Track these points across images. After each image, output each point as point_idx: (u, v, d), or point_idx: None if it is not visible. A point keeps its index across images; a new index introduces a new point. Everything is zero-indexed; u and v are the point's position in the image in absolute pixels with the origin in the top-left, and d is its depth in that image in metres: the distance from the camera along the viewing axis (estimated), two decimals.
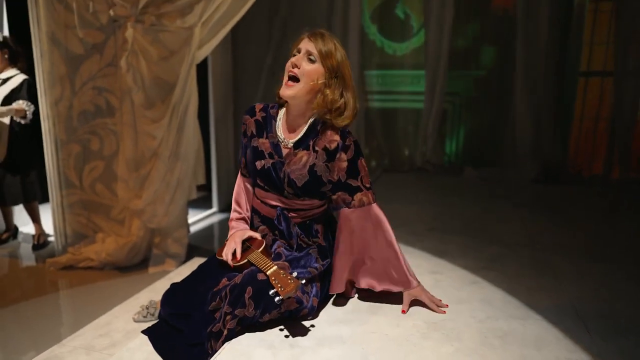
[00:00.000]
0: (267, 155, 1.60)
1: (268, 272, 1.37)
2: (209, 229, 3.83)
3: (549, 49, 3.67)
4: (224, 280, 1.51)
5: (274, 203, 1.65)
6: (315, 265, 1.56)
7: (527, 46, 3.67)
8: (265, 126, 1.64)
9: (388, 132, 4.40)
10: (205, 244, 3.52)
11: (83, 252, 2.97)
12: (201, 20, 2.65)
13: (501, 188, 3.43)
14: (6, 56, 3.11)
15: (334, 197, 1.60)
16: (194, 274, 1.74)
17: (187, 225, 3.10)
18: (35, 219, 3.32)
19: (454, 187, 3.50)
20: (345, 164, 1.55)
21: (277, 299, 1.29)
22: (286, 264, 1.49)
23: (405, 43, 4.75)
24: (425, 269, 1.87)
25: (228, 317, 1.40)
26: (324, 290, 1.61)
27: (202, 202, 4.13)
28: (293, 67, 1.51)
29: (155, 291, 2.37)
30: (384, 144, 4.46)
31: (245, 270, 1.47)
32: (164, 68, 2.74)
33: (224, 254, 1.62)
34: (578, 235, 2.38)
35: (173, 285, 1.76)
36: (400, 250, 1.57)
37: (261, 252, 1.54)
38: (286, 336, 1.38)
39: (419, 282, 1.57)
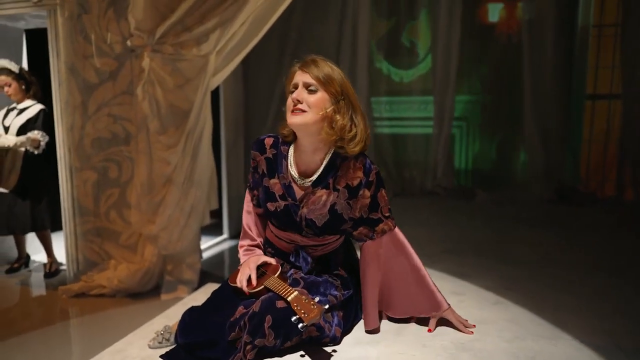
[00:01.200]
0: (278, 198, 1.53)
1: (289, 298, 1.33)
2: (219, 256, 3.81)
3: (556, 72, 3.72)
4: (241, 309, 1.45)
5: (290, 239, 1.60)
6: (335, 293, 1.52)
7: (534, 70, 3.74)
8: (276, 165, 1.56)
9: (398, 157, 4.43)
10: (216, 270, 3.49)
11: (95, 279, 2.95)
12: (216, 49, 2.72)
13: (513, 210, 3.43)
14: (23, 87, 3.19)
15: (356, 232, 1.56)
16: (208, 301, 1.69)
17: (200, 251, 3.08)
18: (47, 247, 3.32)
19: (465, 210, 3.50)
20: (368, 201, 1.50)
21: (300, 325, 1.26)
22: (304, 290, 1.46)
23: (411, 70, 4.83)
24: (447, 289, 1.84)
25: (248, 347, 1.36)
26: (349, 322, 1.56)
27: (213, 229, 4.11)
28: (296, 104, 1.43)
29: (168, 317, 2.34)
30: (394, 170, 4.48)
31: (263, 297, 1.42)
32: (179, 95, 2.79)
33: (238, 280, 1.57)
34: (595, 254, 2.35)
35: (188, 312, 1.71)
36: (427, 273, 1.55)
37: (277, 277, 1.51)
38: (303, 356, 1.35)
39: (449, 304, 1.54)
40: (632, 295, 1.80)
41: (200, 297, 2.59)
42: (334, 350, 1.40)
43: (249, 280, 1.54)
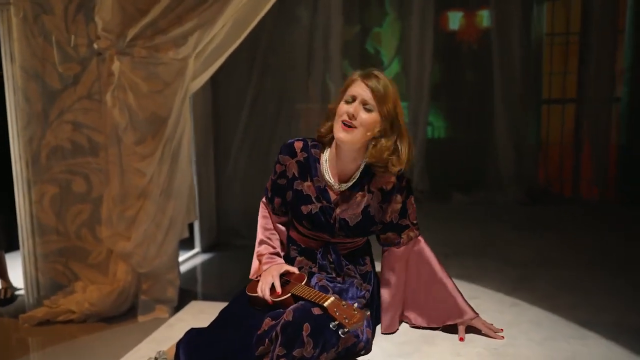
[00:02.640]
0: (314, 200, 1.55)
1: (326, 304, 1.26)
2: (192, 271, 3.61)
3: (523, 78, 3.88)
4: (268, 321, 1.37)
5: (319, 237, 1.59)
6: (362, 293, 1.51)
7: (504, 77, 3.88)
8: (309, 169, 1.58)
9: None
10: (192, 286, 3.30)
11: (61, 303, 2.68)
12: (195, 51, 2.58)
13: (491, 212, 3.51)
14: None
15: (383, 236, 1.60)
16: (218, 320, 1.58)
17: (179, 267, 2.89)
18: (2, 271, 3.00)
19: (445, 212, 3.54)
20: (399, 206, 1.56)
21: (341, 331, 1.20)
22: (336, 295, 1.39)
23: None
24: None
25: None
26: (372, 321, 1.53)
27: (184, 243, 3.89)
28: (350, 118, 1.45)
29: (156, 341, 2.15)
30: None
31: (294, 306, 1.34)
32: (156, 101, 2.60)
33: (259, 289, 1.49)
34: (587, 252, 2.44)
35: (193, 333, 1.58)
36: (452, 281, 1.55)
37: (305, 284, 1.43)
38: None
39: (476, 312, 1.52)
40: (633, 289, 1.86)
41: (186, 317, 2.42)
42: None
43: (272, 289, 1.46)
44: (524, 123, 4.03)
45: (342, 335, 1.24)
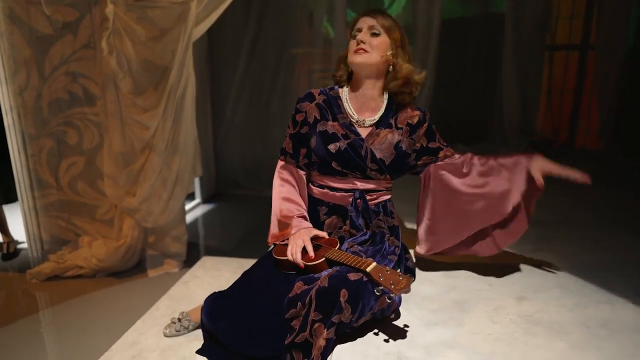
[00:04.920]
0: (341, 137, 1.54)
1: (369, 269, 1.24)
2: (195, 223, 3.59)
3: (535, 23, 3.71)
4: (300, 285, 1.33)
5: (349, 187, 1.58)
6: (392, 248, 1.52)
7: (515, 21, 3.70)
8: (331, 108, 1.59)
9: None
10: (197, 239, 3.29)
11: (68, 259, 2.64)
12: None
13: None
14: None
15: (420, 162, 1.65)
16: (242, 285, 1.55)
17: (185, 222, 2.85)
18: (3, 226, 2.91)
19: None
20: (424, 131, 1.62)
21: (387, 295, 1.21)
22: (371, 259, 1.38)
23: None
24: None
25: (317, 325, 1.25)
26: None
27: None
28: (360, 45, 1.49)
29: (174, 299, 2.15)
30: None
31: (328, 273, 1.32)
32: (155, 49, 2.43)
33: (289, 253, 1.45)
34: (602, 209, 2.45)
35: (216, 296, 1.55)
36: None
37: (338, 249, 1.40)
38: (386, 340, 1.28)
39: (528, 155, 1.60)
40: None
41: (199, 273, 2.42)
42: (407, 326, 1.34)
43: (303, 253, 1.43)
44: (531, 71, 3.90)
45: (388, 301, 1.25)
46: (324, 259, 1.37)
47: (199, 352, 1.52)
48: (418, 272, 1.71)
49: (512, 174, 1.59)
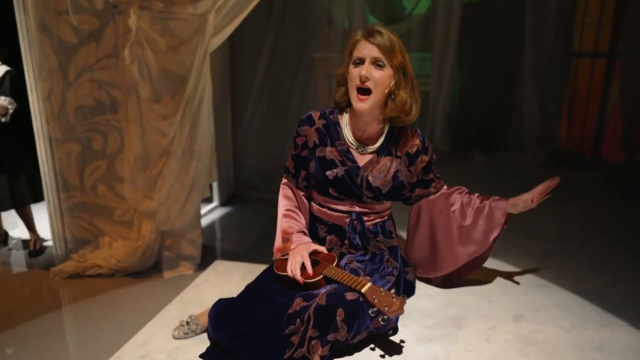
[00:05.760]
0: (338, 164, 1.56)
1: (363, 290, 1.27)
2: (212, 225, 3.68)
3: (558, 29, 3.63)
4: (299, 301, 1.39)
5: (346, 209, 1.61)
6: (390, 269, 1.54)
7: (536, 29, 3.63)
8: (330, 134, 1.60)
9: None
10: (213, 241, 3.37)
11: (89, 258, 2.76)
12: (215, 7, 2.44)
13: (511, 174, 3.43)
14: None
15: (414, 194, 1.71)
16: (246, 296, 1.61)
17: (201, 225, 2.94)
18: (29, 224, 3.07)
19: (465, 175, 3.47)
20: (424, 165, 1.63)
21: (381, 317, 1.23)
22: (368, 278, 1.41)
23: (398, 24, 4.62)
24: (483, 268, 1.82)
25: (315, 342, 1.30)
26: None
27: None
28: (364, 81, 1.46)
29: (184, 302, 2.23)
30: None
31: (326, 291, 1.36)
32: (173, 59, 2.52)
33: (289, 269, 1.50)
34: (613, 225, 2.40)
35: (221, 304, 1.62)
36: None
37: (335, 266, 1.44)
38: (382, 356, 1.31)
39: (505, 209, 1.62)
40: None
41: (211, 277, 2.49)
42: (402, 341, 1.37)
43: (302, 269, 1.48)
44: (552, 78, 3.82)
45: (382, 323, 1.27)
46: (322, 276, 1.42)
47: (202, 356, 1.59)
48: (419, 285, 1.73)
49: (491, 216, 1.64)
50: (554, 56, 3.75)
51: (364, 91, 1.46)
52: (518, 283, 1.72)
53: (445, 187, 1.74)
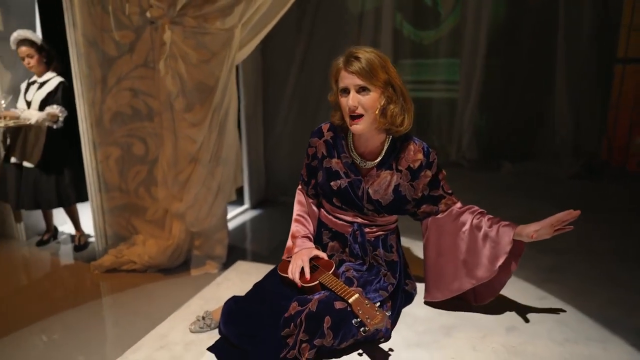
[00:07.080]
0: (342, 175, 1.62)
1: (350, 301, 1.34)
2: (241, 227, 3.84)
3: (596, 34, 3.50)
4: (295, 305, 1.47)
5: (350, 219, 1.66)
6: (386, 284, 1.57)
7: (570, 33, 3.52)
8: (336, 146, 1.65)
9: (419, 123, 4.31)
10: (240, 242, 3.53)
11: (125, 254, 2.99)
12: (241, 22, 2.59)
13: (541, 185, 3.35)
14: (44, 59, 3.09)
15: (419, 211, 1.66)
16: (253, 293, 1.72)
17: (227, 227, 3.10)
18: (75, 221, 3.35)
19: (491, 184, 3.43)
20: (428, 180, 1.60)
21: (362, 329, 1.28)
22: (360, 289, 1.48)
23: (432, 31, 4.62)
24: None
25: (304, 346, 1.39)
26: (395, 309, 1.61)
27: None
28: (354, 110, 1.47)
29: (204, 299, 2.38)
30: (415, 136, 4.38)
31: (319, 297, 1.44)
32: (204, 71, 2.69)
33: (289, 272, 1.59)
34: (631, 240, 2.32)
35: (232, 302, 1.74)
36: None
37: (332, 274, 1.52)
38: None
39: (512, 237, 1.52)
40: None
41: (232, 276, 2.63)
42: (391, 349, 1.43)
43: (302, 273, 1.56)
44: (589, 85, 3.68)
45: (362, 333, 1.31)
46: (318, 282, 1.50)
47: (209, 349, 1.72)
48: (420, 292, 1.77)
49: (498, 243, 1.54)
50: (590, 62, 3.61)
51: (356, 116, 1.48)
52: (521, 295, 1.73)
53: (458, 204, 1.65)
